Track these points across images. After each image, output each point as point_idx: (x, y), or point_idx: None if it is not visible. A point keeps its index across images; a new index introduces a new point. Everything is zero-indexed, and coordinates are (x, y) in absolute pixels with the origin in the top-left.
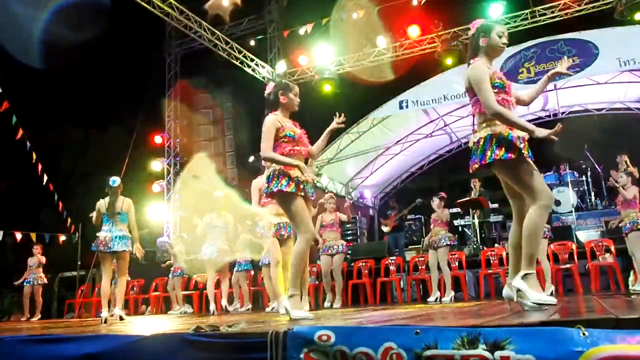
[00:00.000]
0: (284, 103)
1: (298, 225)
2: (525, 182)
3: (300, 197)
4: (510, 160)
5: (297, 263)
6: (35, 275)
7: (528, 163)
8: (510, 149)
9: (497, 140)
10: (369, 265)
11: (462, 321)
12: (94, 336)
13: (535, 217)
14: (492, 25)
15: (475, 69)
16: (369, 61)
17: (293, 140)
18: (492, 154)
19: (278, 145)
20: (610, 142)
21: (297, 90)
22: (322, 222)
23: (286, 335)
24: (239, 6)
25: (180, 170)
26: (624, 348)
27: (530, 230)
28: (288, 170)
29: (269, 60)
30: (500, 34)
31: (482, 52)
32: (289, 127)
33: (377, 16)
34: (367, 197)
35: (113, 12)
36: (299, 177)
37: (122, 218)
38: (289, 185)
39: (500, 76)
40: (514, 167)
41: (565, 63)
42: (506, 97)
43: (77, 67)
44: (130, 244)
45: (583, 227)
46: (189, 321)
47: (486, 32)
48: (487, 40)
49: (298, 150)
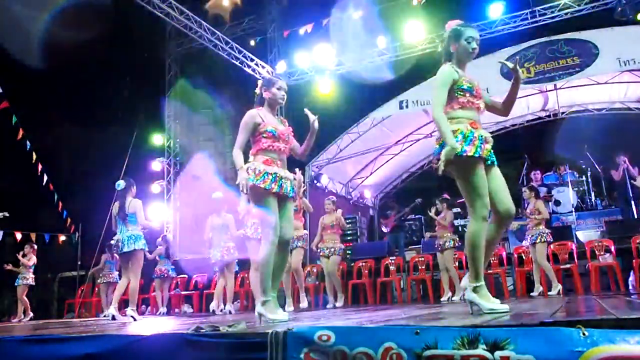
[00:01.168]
0: (267, 98)
1: (265, 225)
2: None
3: (274, 195)
4: (464, 158)
5: (264, 269)
6: (24, 275)
7: (480, 168)
8: (468, 145)
9: (459, 134)
10: (369, 265)
11: (462, 321)
12: (94, 336)
13: (472, 228)
14: (461, 31)
15: (439, 73)
16: (369, 61)
17: (273, 136)
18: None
19: (258, 141)
20: (610, 142)
21: (282, 84)
22: (323, 224)
23: (286, 335)
24: (239, 6)
25: (181, 170)
26: (624, 348)
27: (471, 244)
28: (266, 165)
29: (269, 60)
30: (469, 39)
31: (453, 57)
32: (271, 123)
33: (377, 16)
34: (367, 197)
35: (113, 12)
36: (277, 173)
37: (131, 220)
38: (265, 181)
39: (470, 80)
40: (465, 166)
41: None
42: (472, 100)
43: (77, 67)
44: (141, 243)
45: (583, 227)
46: (189, 321)
47: (456, 38)
48: (457, 47)
49: (277, 146)
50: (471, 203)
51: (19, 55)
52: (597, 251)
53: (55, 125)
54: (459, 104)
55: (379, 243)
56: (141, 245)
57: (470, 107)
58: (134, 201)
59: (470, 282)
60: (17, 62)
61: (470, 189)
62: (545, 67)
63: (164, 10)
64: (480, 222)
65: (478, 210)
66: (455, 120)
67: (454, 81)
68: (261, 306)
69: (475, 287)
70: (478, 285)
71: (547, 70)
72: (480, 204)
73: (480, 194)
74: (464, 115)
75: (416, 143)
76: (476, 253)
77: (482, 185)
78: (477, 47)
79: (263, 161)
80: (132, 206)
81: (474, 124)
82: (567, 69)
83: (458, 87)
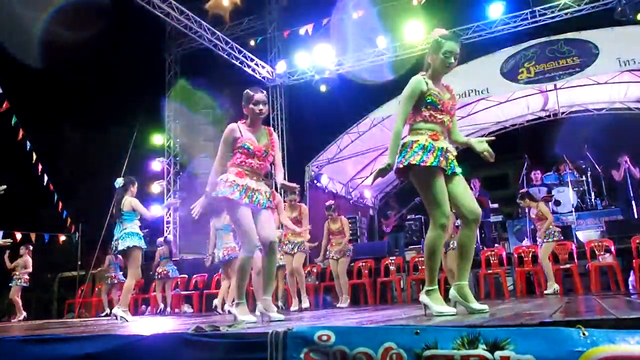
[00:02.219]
0: (247, 114)
1: (241, 236)
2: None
3: (245, 206)
4: (423, 167)
5: (240, 276)
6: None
7: (439, 178)
8: (427, 155)
9: (418, 146)
10: (369, 265)
11: (462, 321)
12: (94, 336)
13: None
14: (442, 43)
15: (408, 83)
16: (369, 61)
17: (248, 152)
18: (411, 157)
19: (234, 154)
20: (610, 142)
21: (259, 98)
22: (329, 230)
23: (286, 335)
24: (239, 6)
25: (181, 170)
26: (624, 348)
27: (428, 250)
28: (238, 177)
29: (269, 60)
30: (447, 54)
31: (430, 68)
32: (248, 139)
33: (377, 16)
34: (367, 197)
35: (113, 12)
36: (248, 185)
37: (126, 218)
38: (233, 193)
39: (436, 94)
40: (423, 176)
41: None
42: (435, 114)
43: (77, 67)
44: (136, 239)
45: (583, 227)
46: (189, 321)
47: (435, 50)
48: (434, 59)
49: (249, 162)
50: (430, 211)
51: (19, 55)
52: (597, 251)
53: (55, 125)
54: (422, 117)
55: (379, 243)
56: (135, 242)
57: (433, 121)
58: (127, 199)
59: (426, 287)
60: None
61: (429, 198)
62: (545, 67)
63: (164, 10)
64: (438, 230)
65: (436, 219)
66: (416, 132)
67: (421, 93)
68: (235, 307)
69: (429, 291)
70: (431, 289)
71: (547, 70)
72: (439, 213)
73: (439, 203)
74: (425, 127)
75: None
76: (432, 259)
77: (440, 194)
78: (454, 62)
79: (235, 173)
80: (127, 204)
81: (435, 136)
82: (567, 69)
83: (425, 100)
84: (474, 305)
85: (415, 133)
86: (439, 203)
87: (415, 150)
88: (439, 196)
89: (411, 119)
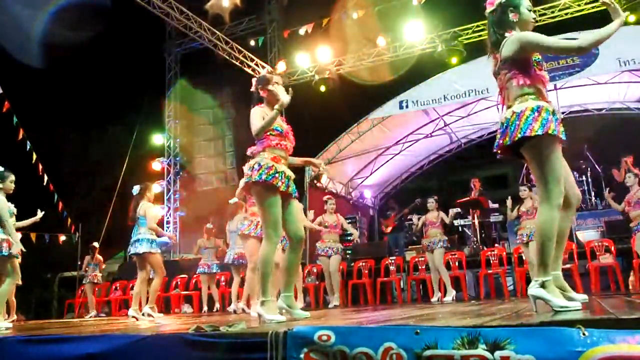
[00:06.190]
0: (265, 96)
1: (268, 225)
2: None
3: (280, 194)
4: (555, 137)
5: (265, 270)
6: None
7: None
8: (555, 124)
9: (546, 111)
10: (369, 265)
11: (462, 321)
12: (94, 336)
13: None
14: (269, 79)
15: (522, 35)
16: (368, 61)
17: (280, 134)
18: (543, 126)
19: (265, 138)
20: (610, 142)
21: (277, 79)
22: (324, 224)
23: (286, 335)
24: (239, 6)
25: (181, 170)
26: (624, 348)
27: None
28: (276, 162)
29: (269, 60)
30: (529, 7)
31: (515, 28)
32: (277, 121)
33: (376, 16)
34: (367, 197)
35: (113, 12)
36: (284, 172)
37: (141, 222)
38: (275, 179)
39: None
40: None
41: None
42: (541, 75)
43: (77, 67)
44: (147, 246)
45: (583, 227)
46: (189, 321)
47: (515, 6)
48: (518, 15)
49: (284, 144)
50: (547, 187)
51: (19, 55)
52: (597, 251)
53: (55, 125)
54: (531, 79)
55: (378, 243)
56: (145, 248)
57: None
58: (143, 205)
59: (540, 277)
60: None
61: (549, 173)
62: (545, 67)
63: (164, 10)
64: (555, 210)
65: (554, 197)
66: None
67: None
68: (261, 306)
69: (544, 282)
70: (547, 280)
71: (547, 70)
72: (558, 191)
73: (559, 178)
74: (536, 93)
75: (416, 143)
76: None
77: (561, 169)
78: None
79: (272, 158)
80: (142, 209)
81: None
82: (567, 69)
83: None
84: (574, 296)
85: (531, 97)
86: (559, 179)
87: (545, 118)
88: (560, 171)
89: (520, 80)
